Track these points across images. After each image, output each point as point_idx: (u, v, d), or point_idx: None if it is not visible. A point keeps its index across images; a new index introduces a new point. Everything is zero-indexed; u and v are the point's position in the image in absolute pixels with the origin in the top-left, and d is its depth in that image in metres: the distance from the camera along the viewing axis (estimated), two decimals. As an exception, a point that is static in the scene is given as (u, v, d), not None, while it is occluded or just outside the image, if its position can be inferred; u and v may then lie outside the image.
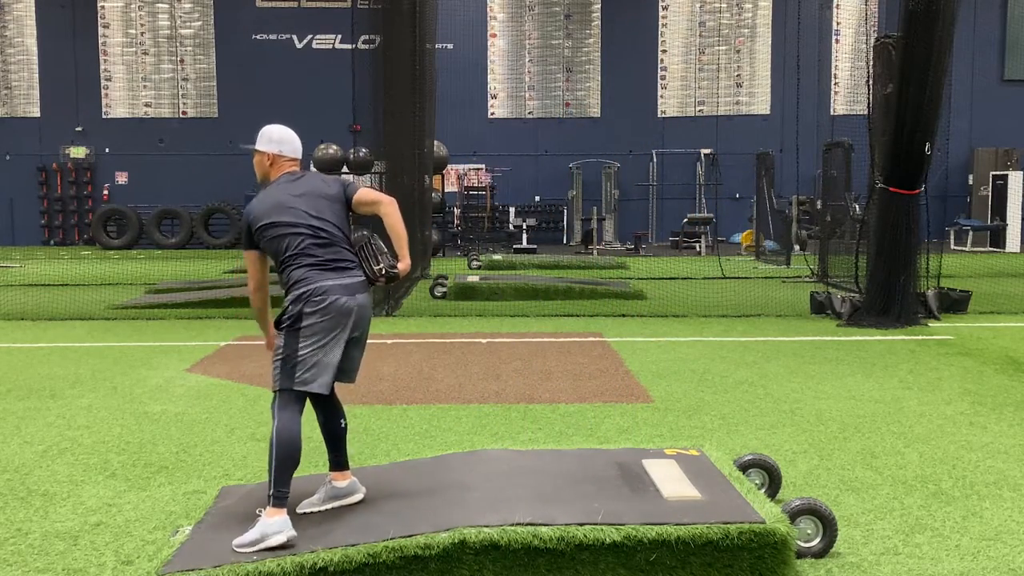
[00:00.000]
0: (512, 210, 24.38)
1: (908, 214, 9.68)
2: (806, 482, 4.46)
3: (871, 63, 10.47)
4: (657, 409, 6.00)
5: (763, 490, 3.98)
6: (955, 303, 10.52)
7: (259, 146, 3.81)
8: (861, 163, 12.51)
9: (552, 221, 25.44)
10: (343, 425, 3.77)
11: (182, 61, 25.99)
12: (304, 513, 3.57)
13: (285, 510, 3.31)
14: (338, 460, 3.72)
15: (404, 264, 3.70)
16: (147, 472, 4.68)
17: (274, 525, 3.25)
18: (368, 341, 3.81)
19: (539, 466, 3.97)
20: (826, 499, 4.11)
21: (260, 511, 3.40)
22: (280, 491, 3.32)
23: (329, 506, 3.62)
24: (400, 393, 6.49)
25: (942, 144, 10.57)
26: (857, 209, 13.66)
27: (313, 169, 3.50)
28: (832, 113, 21.71)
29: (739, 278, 14.76)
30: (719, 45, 25.82)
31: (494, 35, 25.97)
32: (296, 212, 3.63)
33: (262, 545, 3.21)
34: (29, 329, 9.84)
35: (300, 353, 3.48)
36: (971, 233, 22.05)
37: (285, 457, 3.36)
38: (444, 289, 12.30)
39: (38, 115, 25.88)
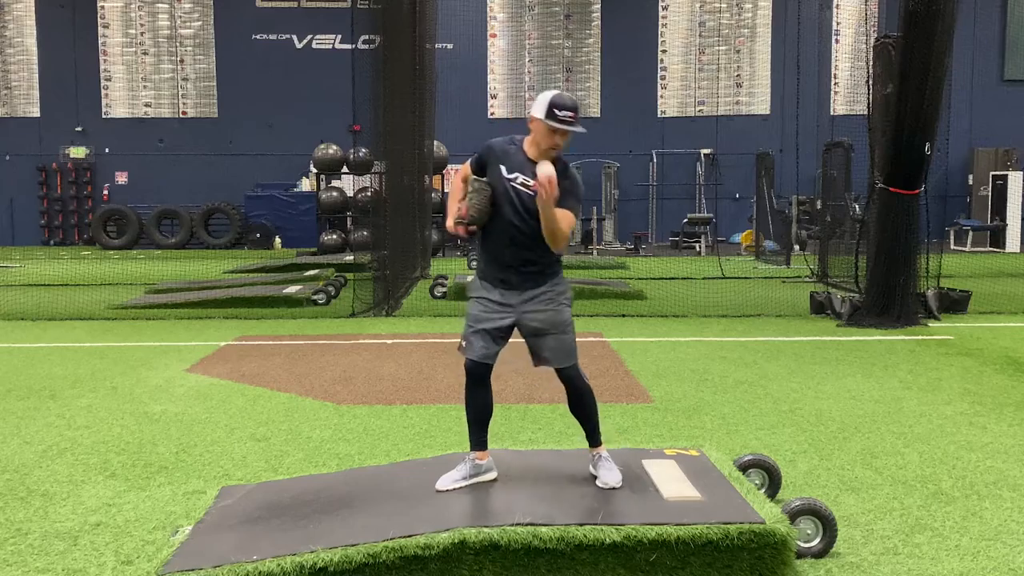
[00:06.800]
0: None
1: (908, 214, 9.68)
2: (806, 482, 4.46)
3: (871, 63, 10.47)
4: (657, 409, 6.00)
5: (763, 490, 3.98)
6: (955, 303, 10.52)
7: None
8: (861, 163, 12.50)
9: (552, 221, 25.40)
10: None
11: (182, 61, 25.98)
12: (446, 490, 3.67)
13: None
14: (485, 439, 3.84)
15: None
16: (147, 472, 4.68)
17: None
18: (368, 341, 3.81)
19: (539, 466, 3.97)
20: (826, 499, 4.11)
21: (599, 455, 3.77)
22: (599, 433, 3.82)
23: (470, 482, 3.73)
24: (400, 393, 6.50)
25: (942, 144, 10.56)
26: (857, 209, 13.67)
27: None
28: (832, 113, 21.71)
29: (739, 278, 14.76)
30: (719, 45, 25.81)
31: (494, 35, 25.96)
32: None
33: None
34: (29, 329, 9.84)
35: None
36: (971, 233, 22.05)
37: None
38: (444, 289, 12.30)
39: (38, 115, 25.86)
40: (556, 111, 3.58)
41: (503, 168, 3.69)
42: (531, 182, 3.60)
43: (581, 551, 3.18)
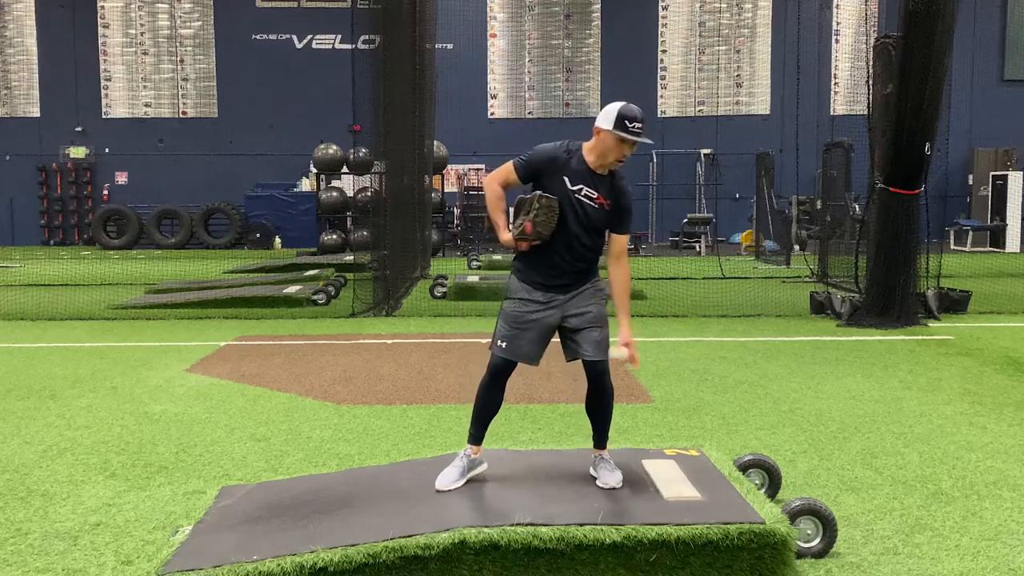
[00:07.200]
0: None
1: (908, 214, 9.68)
2: (806, 482, 4.46)
3: (871, 63, 10.47)
4: (657, 409, 6.00)
5: (763, 490, 3.98)
6: (955, 303, 10.52)
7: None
8: (861, 163, 12.51)
9: (552, 221, 25.40)
10: None
11: (182, 61, 25.99)
12: (446, 490, 3.67)
13: None
14: (483, 435, 3.87)
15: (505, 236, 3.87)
16: (147, 472, 4.67)
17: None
18: (368, 341, 3.80)
19: (539, 466, 3.97)
20: (826, 499, 4.11)
21: (601, 456, 3.81)
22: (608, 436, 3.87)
23: (468, 477, 3.75)
24: (400, 393, 6.49)
25: (942, 144, 10.57)
26: (857, 209, 13.67)
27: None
28: (832, 113, 21.72)
29: (739, 278, 14.76)
30: (719, 45, 25.82)
31: (494, 35, 25.97)
32: None
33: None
34: (29, 329, 9.84)
35: None
36: (971, 233, 22.05)
37: None
38: (444, 289, 12.29)
39: (38, 115, 25.87)
40: (627, 123, 3.60)
41: (567, 180, 3.68)
42: (595, 194, 3.68)
43: (581, 551, 3.18)
